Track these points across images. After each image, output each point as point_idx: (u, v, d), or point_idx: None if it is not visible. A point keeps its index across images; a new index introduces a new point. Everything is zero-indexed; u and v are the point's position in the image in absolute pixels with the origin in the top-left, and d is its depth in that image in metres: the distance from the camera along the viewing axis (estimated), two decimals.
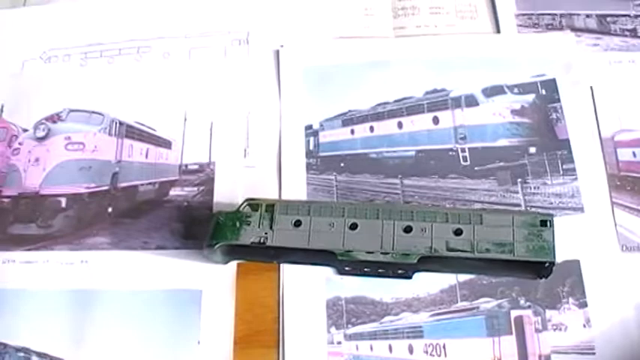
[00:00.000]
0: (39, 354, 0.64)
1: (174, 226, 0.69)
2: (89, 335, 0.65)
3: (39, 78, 0.78)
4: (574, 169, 0.67)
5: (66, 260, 0.69)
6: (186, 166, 0.72)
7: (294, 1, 0.79)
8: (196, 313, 0.65)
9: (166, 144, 0.73)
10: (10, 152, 0.75)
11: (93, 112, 0.75)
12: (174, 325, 0.65)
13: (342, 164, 0.70)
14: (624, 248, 0.64)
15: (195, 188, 0.71)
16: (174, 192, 0.71)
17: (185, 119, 0.74)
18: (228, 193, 0.69)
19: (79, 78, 0.78)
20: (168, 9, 0.81)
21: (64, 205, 0.71)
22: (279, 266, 0.66)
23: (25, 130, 0.75)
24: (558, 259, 0.59)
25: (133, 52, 0.78)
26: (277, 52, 0.76)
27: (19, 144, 0.75)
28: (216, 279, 0.66)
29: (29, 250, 0.70)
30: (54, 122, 0.75)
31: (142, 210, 0.71)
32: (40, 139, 0.74)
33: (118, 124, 0.74)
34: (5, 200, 0.72)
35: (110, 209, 0.71)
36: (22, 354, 0.64)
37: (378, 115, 0.72)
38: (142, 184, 0.72)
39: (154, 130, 0.74)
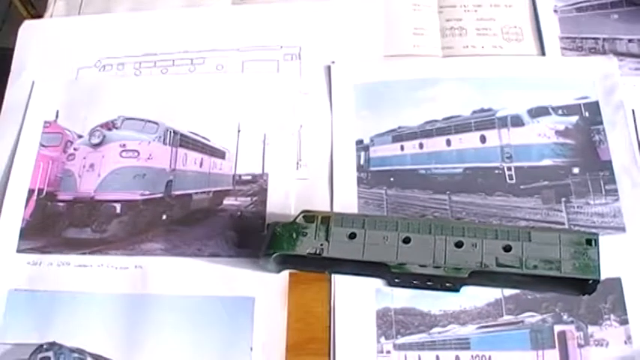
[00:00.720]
0: (93, 355, 0.66)
1: (227, 235, 0.70)
2: (142, 339, 0.67)
3: (94, 85, 0.80)
4: (616, 190, 0.69)
5: (120, 265, 0.70)
6: (239, 176, 0.74)
7: (345, 19, 0.81)
8: (249, 320, 0.66)
9: (220, 154, 0.75)
10: (66, 157, 0.76)
11: (148, 121, 0.77)
12: (226, 331, 0.66)
13: (391, 179, 0.72)
14: None
15: (249, 198, 0.72)
16: (228, 201, 0.73)
17: (239, 130, 0.75)
18: (280, 204, 0.71)
19: (134, 87, 0.79)
20: (221, 22, 0.83)
21: (118, 210, 0.73)
22: (330, 277, 0.68)
23: (80, 137, 0.77)
24: (601, 278, 0.61)
25: (187, 64, 0.80)
26: (328, 68, 0.78)
27: (74, 149, 0.77)
28: (268, 287, 0.67)
29: (84, 254, 0.71)
30: (109, 129, 0.77)
31: (196, 218, 0.72)
32: (95, 146, 0.76)
33: (172, 134, 0.76)
34: (60, 204, 0.74)
35: (164, 216, 0.73)
36: (76, 355, 0.65)
37: (427, 132, 0.74)
38: (196, 193, 0.74)
39: (208, 140, 0.76)
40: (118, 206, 0.73)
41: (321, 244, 0.63)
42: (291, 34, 0.81)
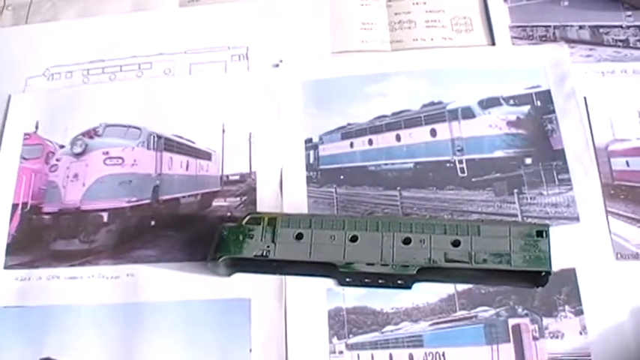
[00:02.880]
0: None
1: None
2: (138, 348, 0.66)
3: (72, 94, 0.79)
4: (569, 179, 0.68)
5: (111, 274, 0.69)
6: (227, 177, 0.73)
7: (292, 17, 0.80)
8: (246, 322, 0.65)
9: (206, 156, 0.74)
10: (48, 169, 0.75)
11: (130, 127, 0.76)
12: (224, 333, 0.65)
13: (341, 177, 0.71)
14: (619, 256, 0.65)
15: (238, 198, 0.71)
16: (217, 203, 0.72)
17: (223, 130, 0.74)
18: (271, 201, 0.70)
19: (113, 93, 0.78)
20: (169, 26, 0.82)
21: (105, 219, 0.72)
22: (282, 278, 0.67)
23: (62, 147, 0.76)
24: (554, 268, 0.60)
25: (134, 69, 0.79)
26: (276, 67, 0.77)
27: (57, 160, 0.75)
28: (264, 288, 0.66)
29: (73, 265, 0.70)
30: (91, 137, 0.76)
31: (185, 222, 0.71)
32: (78, 155, 0.75)
33: (156, 138, 0.75)
34: (46, 217, 0.73)
35: (153, 222, 0.72)
36: None
37: (376, 128, 0.73)
38: (184, 197, 0.73)
39: (193, 142, 0.75)
40: (105, 215, 0.72)
41: (268, 246, 0.63)
42: (238, 34, 0.80)
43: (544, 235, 0.61)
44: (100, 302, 0.68)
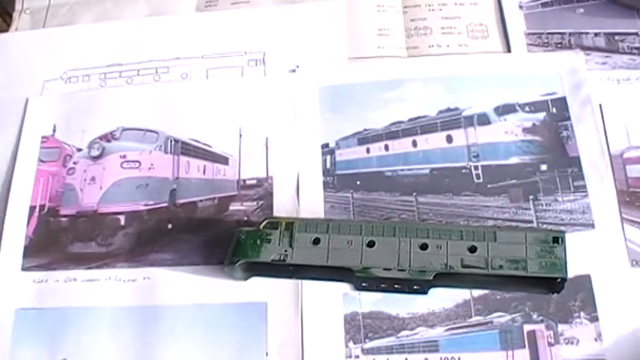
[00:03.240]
0: None
1: None
2: (155, 350, 0.66)
3: (90, 97, 0.79)
4: (584, 186, 0.69)
5: (128, 277, 0.70)
6: (244, 181, 0.73)
7: (309, 23, 0.81)
8: (263, 325, 0.66)
9: (223, 160, 0.74)
10: (65, 172, 0.76)
11: (147, 131, 0.76)
12: (240, 337, 0.66)
13: (358, 182, 0.72)
14: (634, 263, 0.65)
15: (255, 203, 0.72)
16: (234, 207, 0.72)
17: (240, 135, 0.75)
18: (288, 206, 0.71)
19: (131, 97, 0.79)
20: (185, 30, 0.82)
21: (123, 222, 0.72)
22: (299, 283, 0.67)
23: (79, 150, 0.77)
24: (570, 275, 0.60)
25: (151, 73, 0.80)
26: (293, 73, 0.78)
27: (74, 163, 0.76)
28: (280, 291, 0.67)
29: (90, 268, 0.71)
30: (108, 141, 0.76)
31: (202, 225, 0.72)
32: (95, 158, 0.76)
33: (173, 142, 0.76)
34: (63, 219, 0.73)
35: (170, 225, 0.72)
36: None
37: (392, 133, 0.73)
38: (201, 200, 0.73)
39: (210, 146, 0.75)
40: (122, 218, 0.73)
41: (285, 251, 0.63)
42: (255, 40, 0.80)
43: (560, 241, 0.61)
44: (116, 305, 0.69)
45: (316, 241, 0.63)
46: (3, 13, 1.47)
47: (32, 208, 0.74)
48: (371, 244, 0.63)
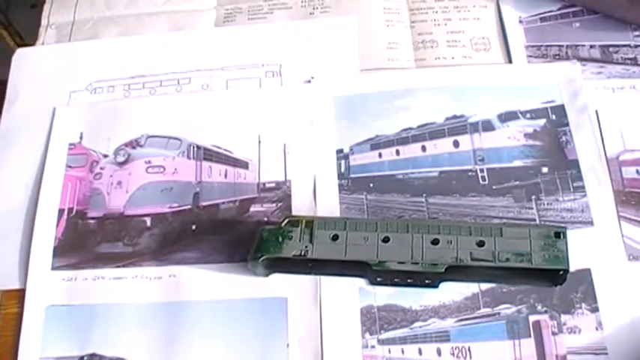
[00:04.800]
0: None
1: None
2: (180, 343, 0.69)
3: (115, 107, 0.83)
4: (583, 187, 0.73)
5: (154, 275, 0.73)
6: (264, 184, 0.77)
7: (323, 37, 0.85)
8: (283, 319, 0.69)
9: (244, 164, 0.78)
10: (92, 177, 0.79)
11: (171, 138, 0.80)
12: (262, 330, 0.69)
13: (371, 185, 0.76)
14: (631, 257, 0.69)
15: (274, 204, 0.75)
16: (255, 209, 0.76)
17: (259, 142, 0.78)
18: (305, 207, 0.75)
19: (155, 106, 0.82)
20: (205, 44, 0.86)
21: (148, 224, 0.76)
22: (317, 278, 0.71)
23: (106, 156, 0.80)
24: (571, 269, 0.64)
25: (174, 84, 0.84)
26: (308, 83, 0.82)
27: (101, 169, 0.79)
28: (299, 287, 0.70)
29: (118, 267, 0.74)
30: (133, 148, 0.80)
31: (224, 226, 0.75)
32: (121, 164, 0.79)
33: (195, 148, 0.79)
34: (91, 222, 0.77)
35: (194, 226, 0.75)
36: None
37: (403, 139, 0.77)
38: (223, 203, 0.77)
39: (231, 152, 0.79)
40: (148, 220, 0.76)
41: (306, 247, 0.67)
42: (271, 52, 0.84)
43: (562, 236, 0.65)
44: (143, 301, 0.72)
45: (335, 238, 0.67)
46: (13, 33, 1.53)
47: (61, 211, 0.77)
48: (386, 240, 0.66)
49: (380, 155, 0.77)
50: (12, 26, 1.56)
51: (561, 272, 0.65)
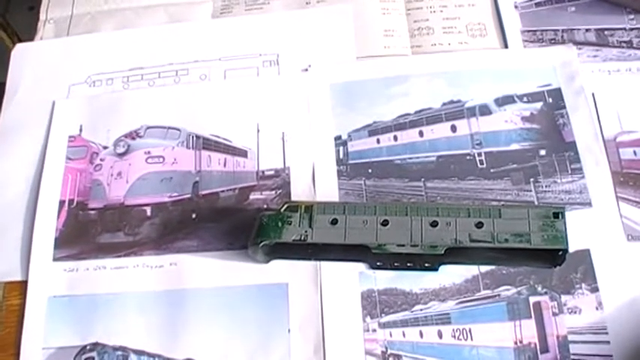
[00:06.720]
0: (136, 351, 0.69)
1: None
2: (182, 330, 0.70)
3: (114, 99, 0.83)
4: (581, 169, 0.73)
5: (155, 264, 0.73)
6: (263, 172, 0.77)
7: (319, 25, 0.86)
8: (284, 305, 0.70)
9: (242, 153, 0.78)
10: (93, 168, 0.80)
11: (170, 128, 0.80)
12: (264, 316, 0.70)
13: (369, 170, 0.76)
14: (629, 238, 0.70)
15: (273, 192, 0.76)
16: (254, 196, 0.76)
17: (258, 130, 0.79)
18: (304, 194, 0.75)
19: (153, 97, 0.83)
20: (203, 35, 0.87)
21: (149, 213, 0.76)
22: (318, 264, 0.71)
23: (105, 148, 0.80)
24: (570, 249, 0.65)
25: (172, 75, 0.84)
26: (305, 72, 0.82)
27: (101, 160, 0.80)
28: (300, 272, 0.71)
29: (119, 256, 0.74)
30: (133, 139, 0.80)
31: (224, 214, 0.76)
32: (121, 155, 0.80)
33: (194, 138, 0.80)
34: (92, 212, 0.77)
35: (194, 215, 0.76)
36: (119, 352, 0.69)
37: (400, 125, 0.78)
38: (223, 191, 0.77)
39: (230, 141, 0.79)
40: (148, 209, 0.77)
41: (306, 231, 0.67)
42: (269, 42, 0.85)
43: (560, 216, 0.65)
44: (144, 290, 0.72)
45: (334, 222, 0.67)
46: (12, 34, 1.53)
47: (62, 203, 0.78)
48: (385, 223, 0.67)
49: (378, 141, 0.78)
50: (10, 28, 1.56)
51: (560, 252, 0.65)
